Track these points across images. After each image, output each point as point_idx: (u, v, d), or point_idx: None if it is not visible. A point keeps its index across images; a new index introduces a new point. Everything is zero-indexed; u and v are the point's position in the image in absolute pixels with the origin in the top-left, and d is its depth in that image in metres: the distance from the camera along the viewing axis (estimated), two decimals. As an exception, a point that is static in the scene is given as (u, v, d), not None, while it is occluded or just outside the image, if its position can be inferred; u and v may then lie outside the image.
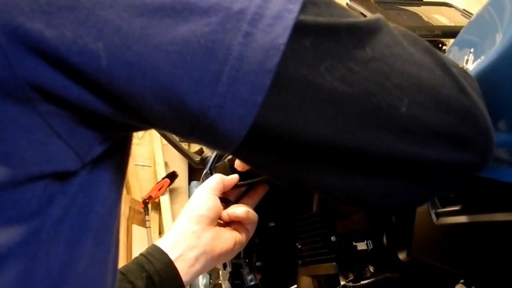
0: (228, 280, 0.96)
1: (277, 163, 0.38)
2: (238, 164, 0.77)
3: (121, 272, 0.66)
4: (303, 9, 0.35)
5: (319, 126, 0.35)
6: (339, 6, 0.37)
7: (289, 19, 0.34)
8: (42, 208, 0.35)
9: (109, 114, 0.35)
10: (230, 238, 0.74)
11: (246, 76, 0.34)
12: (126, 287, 0.64)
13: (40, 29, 0.32)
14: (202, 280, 2.49)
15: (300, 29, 0.34)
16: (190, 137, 0.37)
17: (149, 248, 0.71)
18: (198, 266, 0.70)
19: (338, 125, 0.35)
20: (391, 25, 0.39)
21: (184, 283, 0.69)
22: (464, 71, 0.40)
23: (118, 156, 0.41)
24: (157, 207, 3.00)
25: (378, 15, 0.38)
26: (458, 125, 0.37)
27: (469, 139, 0.37)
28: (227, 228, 0.76)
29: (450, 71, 0.38)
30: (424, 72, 0.36)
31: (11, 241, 0.33)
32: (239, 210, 0.74)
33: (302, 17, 0.35)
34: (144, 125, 0.38)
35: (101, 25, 0.33)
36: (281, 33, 0.34)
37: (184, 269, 0.69)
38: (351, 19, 0.36)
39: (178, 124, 0.36)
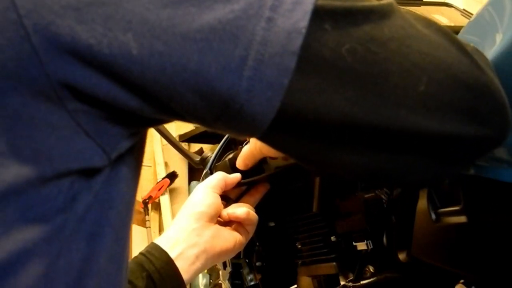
0: (228, 280, 0.96)
1: (303, 145, 0.39)
2: (240, 163, 0.77)
3: None
4: None
5: (343, 106, 0.36)
6: None
7: (308, 4, 0.35)
8: (67, 205, 0.36)
9: (137, 108, 0.36)
10: (230, 238, 0.74)
11: (272, 59, 0.35)
12: (126, 287, 0.64)
13: (71, 25, 0.33)
14: (202, 280, 2.49)
15: (319, 13, 0.35)
16: (216, 124, 0.38)
17: (148, 246, 0.71)
18: (198, 264, 0.70)
19: (360, 104, 0.36)
20: (403, 9, 0.40)
21: (185, 281, 0.69)
22: (478, 50, 0.41)
23: (136, 153, 0.42)
24: (157, 207, 3.00)
25: (389, 0, 0.39)
26: (476, 101, 0.38)
27: (486, 114, 0.38)
28: (227, 227, 0.75)
29: (465, 50, 0.39)
30: (441, 51, 0.38)
31: (37, 238, 0.34)
32: (240, 211, 0.74)
33: (320, 1, 0.36)
34: (170, 117, 0.39)
35: (129, 18, 0.34)
36: (301, 17, 0.35)
37: (184, 267, 0.69)
38: (366, 3, 0.37)
39: (207, 111, 0.37)
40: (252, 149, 0.73)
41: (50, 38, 0.33)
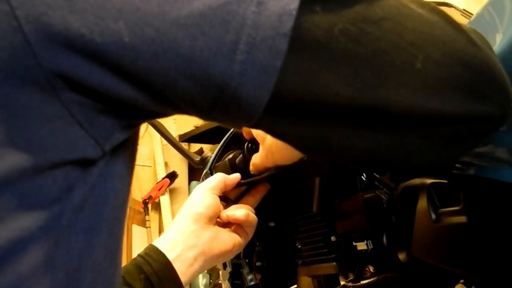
0: (228, 280, 0.96)
1: (301, 129, 0.39)
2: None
3: None
4: None
5: (339, 87, 0.36)
6: None
7: None
8: (63, 194, 0.36)
9: (131, 98, 0.36)
10: (229, 240, 0.74)
11: (263, 42, 0.35)
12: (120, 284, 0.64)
13: (63, 15, 0.33)
14: (202, 280, 2.49)
15: None
16: (213, 112, 0.38)
17: (147, 248, 0.71)
18: (196, 266, 0.70)
19: (357, 85, 0.36)
20: None
21: (183, 283, 0.68)
22: (474, 30, 0.41)
23: (129, 151, 0.42)
24: (157, 207, 3.00)
25: None
26: (475, 78, 0.37)
27: (486, 91, 0.37)
28: (227, 229, 0.75)
29: (461, 28, 0.39)
30: (436, 30, 0.37)
31: (34, 226, 0.35)
32: (239, 213, 0.74)
33: None
34: (165, 109, 0.39)
35: (120, 6, 0.34)
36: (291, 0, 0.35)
37: (182, 269, 0.69)
38: None
39: (202, 97, 0.37)
40: (264, 160, 0.73)
41: (42, 29, 0.33)
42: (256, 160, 0.75)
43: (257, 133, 0.72)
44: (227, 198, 0.79)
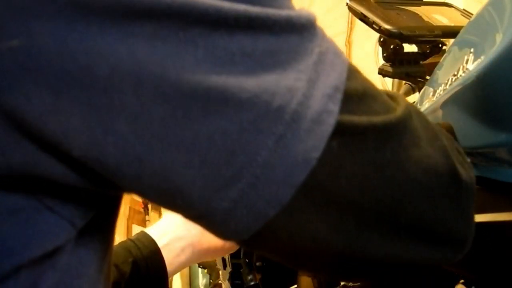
0: (228, 280, 0.96)
1: (276, 258, 0.37)
2: None
3: None
4: (340, 107, 0.30)
5: (327, 231, 0.33)
6: (372, 96, 0.33)
7: (328, 126, 0.30)
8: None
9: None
10: None
11: (267, 188, 0.29)
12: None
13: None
14: (202, 280, 2.49)
15: (333, 132, 0.30)
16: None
17: (138, 234, 0.71)
18: (183, 257, 0.70)
19: (341, 230, 0.33)
20: (416, 109, 0.37)
21: (168, 273, 0.69)
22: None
23: (106, 221, 0.38)
24: (157, 207, 3.00)
25: (406, 110, 0.35)
26: (451, 255, 0.41)
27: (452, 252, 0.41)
28: None
29: (458, 179, 0.37)
30: (433, 178, 0.36)
31: None
32: None
33: (339, 117, 0.30)
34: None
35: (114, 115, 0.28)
36: (318, 144, 0.29)
37: (169, 259, 0.69)
38: (383, 116, 0.33)
39: (184, 214, 0.33)
40: None
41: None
42: None
43: None
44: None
